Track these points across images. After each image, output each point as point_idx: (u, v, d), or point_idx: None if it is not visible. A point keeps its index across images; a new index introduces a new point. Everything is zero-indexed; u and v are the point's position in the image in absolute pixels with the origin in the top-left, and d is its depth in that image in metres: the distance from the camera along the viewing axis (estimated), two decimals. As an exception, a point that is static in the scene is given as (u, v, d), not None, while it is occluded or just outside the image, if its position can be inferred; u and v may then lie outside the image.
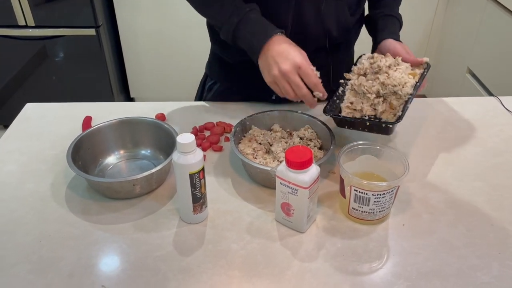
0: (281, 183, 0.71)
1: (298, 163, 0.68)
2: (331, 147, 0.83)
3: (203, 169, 0.72)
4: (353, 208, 0.74)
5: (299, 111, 0.94)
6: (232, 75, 1.08)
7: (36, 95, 2.43)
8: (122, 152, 0.91)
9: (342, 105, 0.89)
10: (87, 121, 1.01)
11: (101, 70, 2.40)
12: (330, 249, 0.72)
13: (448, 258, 0.70)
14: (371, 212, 0.73)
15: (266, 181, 0.83)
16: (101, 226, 0.76)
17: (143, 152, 0.92)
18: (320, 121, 0.90)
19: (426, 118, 1.05)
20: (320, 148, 0.89)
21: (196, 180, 0.72)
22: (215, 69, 1.14)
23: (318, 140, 0.89)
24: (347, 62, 1.09)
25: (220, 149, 0.95)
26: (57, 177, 0.86)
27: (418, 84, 0.86)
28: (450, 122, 1.04)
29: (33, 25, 2.25)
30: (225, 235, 0.74)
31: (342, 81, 0.92)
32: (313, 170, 0.69)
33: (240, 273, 0.68)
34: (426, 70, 0.92)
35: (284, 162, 0.70)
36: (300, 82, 0.81)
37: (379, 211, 0.73)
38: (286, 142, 0.89)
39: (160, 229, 0.75)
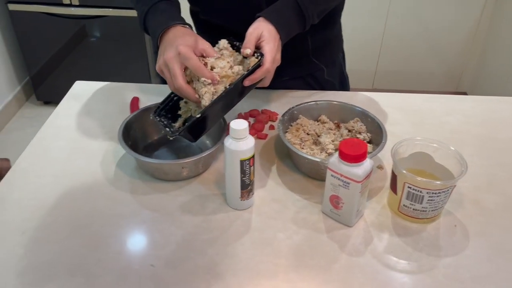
0: (332, 175, 0.70)
1: (353, 156, 0.66)
2: (383, 141, 0.81)
3: (253, 156, 0.72)
4: (404, 205, 0.73)
5: (350, 103, 0.92)
6: None
7: (75, 74, 2.49)
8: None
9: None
10: (134, 102, 1.02)
11: (139, 52, 2.43)
12: (379, 245, 0.70)
13: (502, 263, 0.68)
14: (423, 211, 0.71)
15: (313, 172, 0.82)
16: (149, 206, 0.77)
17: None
18: (371, 114, 0.88)
19: (476, 117, 1.02)
20: (369, 142, 0.87)
21: (246, 166, 0.72)
22: None
23: (368, 133, 0.87)
24: (328, 34, 1.06)
25: (265, 137, 0.94)
26: (106, 155, 0.88)
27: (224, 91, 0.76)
28: (501, 122, 1.00)
29: (77, 4, 2.29)
30: (270, 223, 0.74)
31: None
32: (367, 164, 0.68)
33: (287, 262, 0.67)
34: (256, 64, 0.78)
35: (336, 154, 0.69)
36: (178, 70, 0.76)
37: (432, 210, 0.71)
38: (334, 134, 0.87)
39: (206, 212, 0.76)
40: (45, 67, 2.50)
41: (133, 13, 2.26)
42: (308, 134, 0.88)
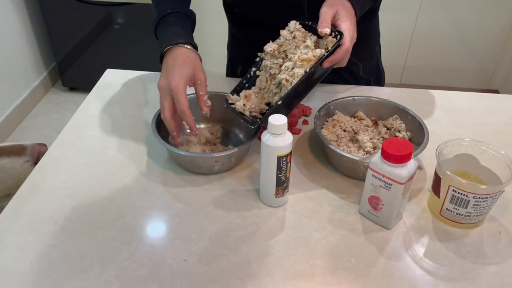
0: (373, 176, 0.67)
1: (397, 157, 0.63)
2: (424, 141, 0.77)
3: (291, 152, 0.69)
4: (447, 209, 0.69)
5: (388, 99, 0.88)
6: (252, 55, 1.05)
7: (99, 60, 2.49)
8: (202, 126, 0.90)
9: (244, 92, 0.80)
10: (165, 92, 1.01)
11: (165, 41, 2.42)
12: (419, 249, 0.67)
13: (552, 275, 0.64)
14: (467, 216, 0.68)
15: (350, 171, 0.79)
16: (182, 199, 0.75)
17: (220, 128, 0.90)
18: (412, 112, 0.84)
19: (522, 118, 0.97)
20: (408, 141, 0.84)
21: (283, 163, 0.69)
22: (234, 49, 1.11)
23: (407, 132, 0.84)
24: (366, 26, 1.00)
25: (298, 132, 0.92)
26: (138, 145, 0.87)
27: (308, 71, 0.73)
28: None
29: (105, -10, 2.28)
30: (305, 222, 0.72)
31: (258, 59, 0.83)
32: (411, 165, 0.65)
33: (323, 264, 0.65)
34: (336, 44, 0.74)
35: (379, 153, 0.66)
36: (165, 105, 0.76)
37: (476, 215, 0.68)
38: (372, 131, 0.84)
39: (240, 208, 0.74)
40: (71, 53, 2.51)
41: (159, 1, 2.24)
42: (344, 130, 0.85)
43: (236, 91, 0.82)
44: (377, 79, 1.12)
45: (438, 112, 0.98)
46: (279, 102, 0.74)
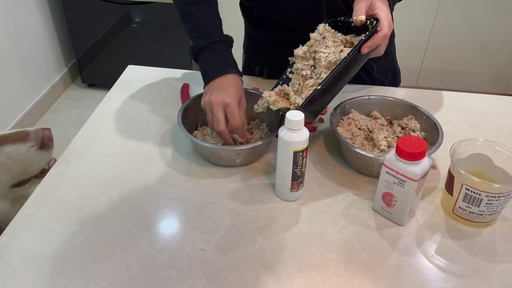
0: (387, 172, 0.69)
1: (411, 154, 0.65)
2: (439, 140, 0.78)
3: (307, 148, 0.71)
4: (460, 207, 0.71)
5: (404, 99, 0.90)
6: (270, 55, 1.06)
7: (118, 58, 2.54)
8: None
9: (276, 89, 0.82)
10: (185, 88, 1.03)
11: (182, 39, 2.45)
12: (431, 246, 0.69)
13: None
14: (480, 214, 0.69)
15: (364, 168, 0.80)
16: (200, 191, 0.78)
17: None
18: (427, 112, 0.85)
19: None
20: (423, 141, 0.85)
21: (299, 158, 0.71)
22: (251, 50, 1.14)
23: (422, 132, 0.85)
24: None
25: (314, 129, 0.94)
26: (158, 138, 0.90)
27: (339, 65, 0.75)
28: None
29: (125, -11, 2.33)
30: (320, 216, 0.74)
31: (291, 58, 0.84)
32: (425, 162, 0.66)
33: (336, 257, 0.67)
34: (373, 29, 0.76)
35: (393, 151, 0.68)
36: (221, 118, 0.79)
37: (489, 214, 0.69)
38: (386, 130, 0.86)
39: (255, 201, 0.76)
40: (91, 51, 2.56)
41: (178, 0, 2.28)
42: (359, 129, 0.86)
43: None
44: (393, 78, 1.13)
45: (452, 113, 0.99)
46: (319, 87, 0.75)
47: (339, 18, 0.81)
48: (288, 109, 0.77)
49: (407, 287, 0.63)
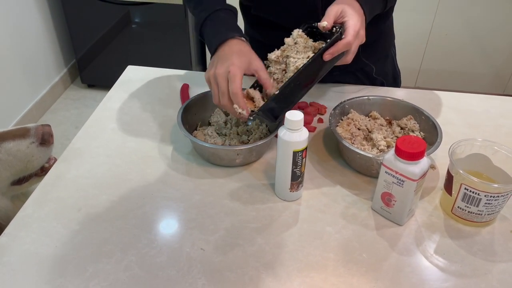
0: (386, 172, 0.69)
1: (410, 154, 0.65)
2: (438, 140, 0.79)
3: (306, 148, 0.72)
4: (458, 207, 0.71)
5: (403, 99, 0.90)
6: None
7: (118, 59, 2.54)
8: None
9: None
10: (185, 88, 1.04)
11: (182, 40, 2.45)
12: (430, 246, 0.69)
13: (562, 274, 0.65)
14: (479, 214, 0.69)
15: (363, 168, 0.81)
16: (200, 191, 0.78)
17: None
18: (426, 112, 0.86)
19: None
20: (422, 141, 0.85)
21: (299, 158, 0.71)
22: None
23: (421, 132, 0.85)
24: (379, 28, 1.01)
25: (313, 129, 0.94)
26: (158, 138, 0.90)
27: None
28: None
29: (125, -11, 2.33)
30: (319, 216, 0.74)
31: (266, 62, 0.83)
32: (424, 162, 0.67)
33: (336, 257, 0.67)
34: (335, 36, 0.76)
35: (392, 151, 0.68)
36: (225, 89, 0.76)
37: (488, 214, 0.69)
38: (386, 131, 0.86)
39: (255, 201, 0.76)
40: (91, 51, 2.56)
41: (177, 0, 2.28)
42: (359, 129, 0.87)
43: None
44: (394, 80, 1.13)
45: (451, 113, 0.99)
46: (277, 92, 0.75)
47: (313, 24, 0.82)
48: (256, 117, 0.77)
49: (407, 286, 0.63)
